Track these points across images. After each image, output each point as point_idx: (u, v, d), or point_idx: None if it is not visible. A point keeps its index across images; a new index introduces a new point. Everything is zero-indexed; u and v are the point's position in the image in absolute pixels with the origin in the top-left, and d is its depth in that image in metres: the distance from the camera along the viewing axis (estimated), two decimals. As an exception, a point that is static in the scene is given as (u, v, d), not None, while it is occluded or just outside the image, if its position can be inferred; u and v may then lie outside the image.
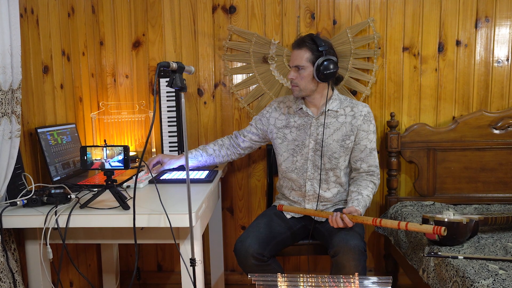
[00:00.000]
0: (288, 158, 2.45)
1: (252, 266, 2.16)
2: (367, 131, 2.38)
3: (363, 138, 2.38)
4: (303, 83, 2.32)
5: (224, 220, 3.18)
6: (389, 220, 2.00)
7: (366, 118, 2.38)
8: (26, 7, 2.17)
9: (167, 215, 1.74)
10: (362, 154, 2.39)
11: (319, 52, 2.28)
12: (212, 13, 2.99)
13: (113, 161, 1.85)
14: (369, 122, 2.39)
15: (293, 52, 2.33)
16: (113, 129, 3.03)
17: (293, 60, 2.32)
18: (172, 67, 1.69)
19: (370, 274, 3.18)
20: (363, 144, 2.38)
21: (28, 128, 2.16)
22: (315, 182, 2.40)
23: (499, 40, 2.88)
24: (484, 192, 2.89)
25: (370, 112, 2.41)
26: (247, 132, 2.60)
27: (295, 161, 2.43)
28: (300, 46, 2.30)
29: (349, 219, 2.10)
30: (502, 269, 1.80)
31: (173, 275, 3.28)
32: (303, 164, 2.42)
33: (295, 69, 2.32)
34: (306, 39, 2.31)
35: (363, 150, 2.38)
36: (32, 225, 1.82)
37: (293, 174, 2.44)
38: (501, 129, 2.82)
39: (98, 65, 3.04)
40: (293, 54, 2.33)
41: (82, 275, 2.00)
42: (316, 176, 2.40)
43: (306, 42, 2.29)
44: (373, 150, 2.40)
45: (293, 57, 2.32)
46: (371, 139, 2.39)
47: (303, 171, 2.42)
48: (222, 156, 2.61)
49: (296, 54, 2.31)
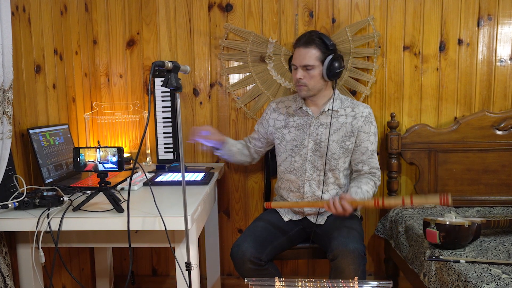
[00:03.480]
0: (287, 158, 2.43)
1: (249, 270, 2.14)
2: (368, 133, 2.36)
3: (364, 140, 2.36)
4: (312, 83, 2.28)
5: (221, 223, 3.16)
6: (392, 199, 2.00)
7: (367, 119, 2.37)
8: (18, 5, 2.16)
9: (162, 218, 1.73)
10: (364, 157, 2.37)
11: (329, 50, 2.25)
12: (208, 11, 2.97)
13: (106, 162, 1.85)
14: (370, 124, 2.37)
15: (300, 51, 2.26)
16: (107, 130, 3.02)
17: (301, 59, 2.26)
18: (167, 67, 1.68)
19: (370, 278, 3.16)
20: (364, 146, 2.36)
21: (19, 129, 2.15)
22: (313, 183, 2.39)
23: (502, 39, 2.86)
24: (487, 195, 2.87)
25: (372, 113, 2.40)
26: (252, 139, 2.63)
27: (293, 162, 2.41)
28: (308, 44, 2.24)
29: (348, 204, 2.07)
30: (505, 273, 1.78)
31: (168, 279, 3.26)
32: (301, 165, 2.40)
33: (303, 68, 2.27)
34: (314, 36, 2.26)
35: (365, 152, 2.37)
36: (24, 228, 1.81)
37: (291, 175, 2.43)
38: (504, 130, 2.81)
39: (92, 64, 3.02)
40: (299, 52, 2.27)
41: (75, 279, 2.00)
42: (315, 177, 2.38)
43: (315, 40, 2.24)
44: (374, 152, 2.40)
45: (301, 56, 2.26)
46: (372, 141, 2.38)
47: (301, 172, 2.40)
48: (245, 156, 2.64)
49: (304, 53, 2.25)
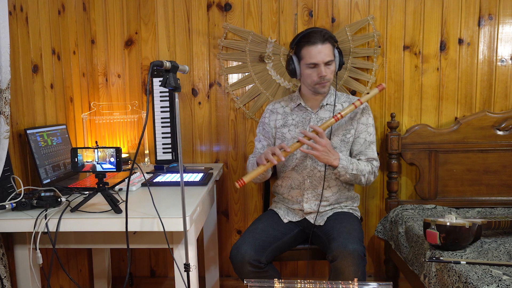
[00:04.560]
0: (289, 156, 2.43)
1: (249, 273, 2.13)
2: (366, 124, 2.41)
3: (362, 131, 2.41)
4: (332, 77, 2.37)
5: (219, 224, 3.15)
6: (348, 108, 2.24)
7: (365, 111, 2.43)
8: (15, 4, 2.16)
9: (161, 219, 1.73)
10: (362, 147, 2.41)
11: (336, 44, 2.36)
12: (206, 10, 2.96)
13: (104, 163, 1.85)
14: (368, 115, 2.43)
15: (318, 48, 2.27)
16: (105, 130, 3.02)
17: (323, 55, 2.28)
18: (166, 66, 1.68)
19: (370, 279, 3.16)
20: (362, 137, 2.40)
21: (17, 129, 2.15)
22: (314, 179, 2.39)
23: (503, 39, 2.85)
24: (488, 195, 2.86)
25: (368, 106, 2.48)
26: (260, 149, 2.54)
27: (295, 159, 2.43)
28: (325, 40, 2.28)
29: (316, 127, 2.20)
30: (506, 275, 1.77)
31: (166, 280, 3.25)
32: (302, 161, 2.41)
33: (325, 64, 2.30)
34: (326, 33, 2.31)
35: (362, 143, 2.41)
36: (21, 229, 1.80)
37: (292, 172, 2.44)
38: (505, 130, 2.80)
39: (90, 64, 3.02)
40: (318, 49, 2.28)
41: (73, 280, 2.00)
42: (316, 173, 2.39)
43: (328, 35, 2.30)
44: (372, 143, 2.43)
45: (322, 53, 2.28)
46: (371, 132, 2.42)
47: (302, 168, 2.41)
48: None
49: (323, 49, 2.28)
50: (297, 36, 2.35)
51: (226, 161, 3.08)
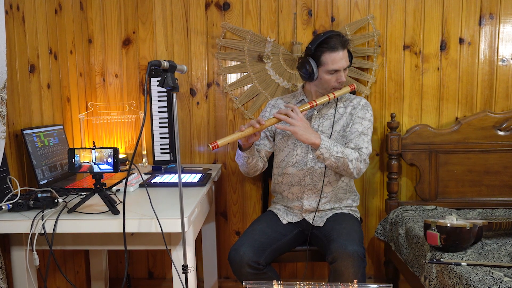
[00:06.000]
0: (290, 153, 2.44)
1: (248, 275, 2.13)
2: (362, 118, 2.41)
3: (356, 123, 2.40)
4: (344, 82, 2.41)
5: (218, 225, 3.14)
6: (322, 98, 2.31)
7: (364, 107, 2.44)
8: (12, 3, 2.15)
9: (158, 220, 1.73)
10: (352, 136, 2.37)
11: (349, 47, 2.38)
12: (205, 9, 2.95)
13: (102, 164, 1.84)
14: (366, 111, 2.43)
15: (339, 55, 2.28)
16: (102, 131, 3.02)
17: (344, 62, 2.31)
18: (164, 66, 1.68)
19: (370, 281, 3.15)
20: (355, 127, 2.39)
21: (13, 130, 2.14)
22: (314, 175, 2.39)
23: (504, 38, 2.85)
24: (488, 196, 2.86)
25: (368, 104, 2.48)
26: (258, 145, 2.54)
27: (295, 155, 2.42)
28: (345, 46, 2.31)
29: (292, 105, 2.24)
30: (507, 276, 1.77)
31: (164, 282, 3.25)
32: (303, 158, 2.41)
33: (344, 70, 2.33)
34: (343, 37, 2.32)
35: (354, 132, 2.38)
36: (18, 231, 1.80)
37: (293, 169, 2.43)
38: (506, 130, 2.80)
39: (87, 64, 3.00)
40: (340, 56, 2.28)
41: (70, 282, 2.00)
42: (316, 169, 2.39)
43: (346, 41, 2.32)
44: (364, 134, 2.37)
45: (343, 59, 2.30)
46: (365, 125, 2.40)
47: (303, 165, 2.40)
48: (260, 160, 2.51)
49: (344, 56, 2.31)
50: (316, 39, 2.31)
51: (224, 162, 3.07)
